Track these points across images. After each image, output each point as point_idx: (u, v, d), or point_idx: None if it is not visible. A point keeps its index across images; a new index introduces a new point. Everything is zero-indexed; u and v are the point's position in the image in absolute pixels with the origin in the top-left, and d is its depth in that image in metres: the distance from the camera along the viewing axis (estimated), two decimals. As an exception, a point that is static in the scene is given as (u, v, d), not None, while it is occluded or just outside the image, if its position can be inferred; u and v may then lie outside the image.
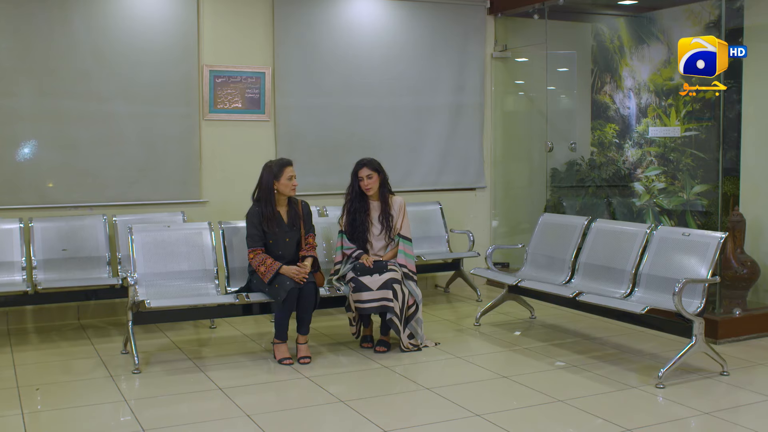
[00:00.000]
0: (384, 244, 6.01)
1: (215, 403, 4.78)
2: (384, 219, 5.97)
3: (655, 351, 5.84)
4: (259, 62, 7.51)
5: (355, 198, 5.97)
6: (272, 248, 5.71)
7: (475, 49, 8.52)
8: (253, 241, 5.67)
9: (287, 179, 5.70)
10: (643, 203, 8.36)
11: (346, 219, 6.00)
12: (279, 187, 5.69)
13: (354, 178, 5.98)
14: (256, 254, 5.64)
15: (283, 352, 5.58)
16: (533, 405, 4.73)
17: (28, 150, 6.75)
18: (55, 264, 6.52)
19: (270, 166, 5.74)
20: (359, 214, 5.95)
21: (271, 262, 5.57)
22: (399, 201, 6.05)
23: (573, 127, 9.15)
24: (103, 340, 6.27)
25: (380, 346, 5.85)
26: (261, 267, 5.59)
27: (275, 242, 5.71)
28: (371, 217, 5.97)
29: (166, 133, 7.18)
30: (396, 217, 5.99)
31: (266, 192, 5.70)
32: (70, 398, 4.85)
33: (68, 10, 6.78)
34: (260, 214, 5.67)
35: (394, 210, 6.00)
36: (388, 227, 5.97)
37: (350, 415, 4.54)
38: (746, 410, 4.66)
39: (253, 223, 5.68)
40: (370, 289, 5.70)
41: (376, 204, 6.00)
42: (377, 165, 5.97)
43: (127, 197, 7.05)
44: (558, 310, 6.76)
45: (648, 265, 5.65)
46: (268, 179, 5.69)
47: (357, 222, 5.95)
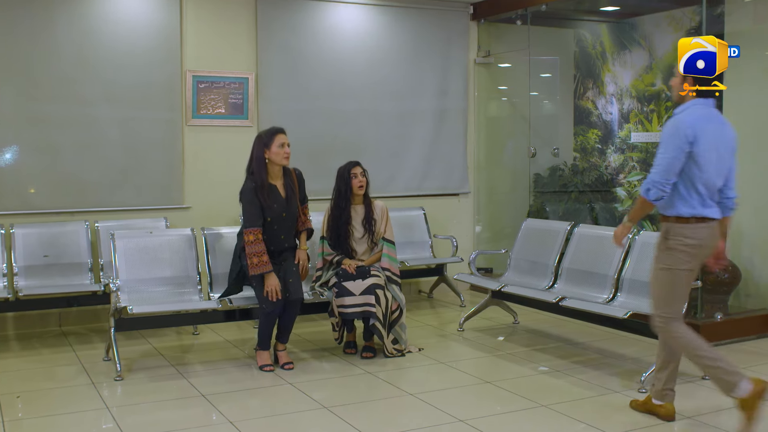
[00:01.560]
0: (366, 248, 6.00)
1: (198, 410, 4.76)
2: (366, 223, 5.96)
3: (638, 355, 5.87)
4: (243, 67, 7.50)
5: (340, 200, 5.92)
6: (270, 228, 5.47)
7: (458, 54, 8.55)
8: (251, 219, 5.37)
9: (278, 147, 5.43)
10: (625, 208, 8.41)
11: (329, 222, 5.97)
12: (270, 156, 5.44)
13: (341, 179, 5.93)
14: (257, 237, 5.34)
15: (266, 359, 5.55)
16: (516, 410, 4.74)
17: (9, 155, 6.70)
18: (36, 270, 6.47)
19: (260, 136, 5.52)
20: (343, 216, 5.92)
21: (266, 261, 5.32)
22: (381, 205, 6.04)
23: (556, 132, 9.20)
24: (85, 347, 6.23)
25: (366, 352, 5.84)
26: (255, 258, 5.30)
27: (273, 219, 5.46)
28: (354, 221, 5.95)
29: (149, 139, 7.15)
30: (379, 222, 5.99)
31: (258, 162, 5.44)
32: (52, 406, 4.82)
33: (51, 14, 6.74)
34: (255, 188, 5.41)
35: (376, 214, 5.99)
36: (371, 231, 5.96)
37: (334, 422, 4.53)
38: (728, 414, 4.68)
39: (248, 199, 5.39)
40: (352, 294, 5.69)
41: (359, 208, 5.98)
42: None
43: (109, 203, 7.01)
44: (541, 315, 6.78)
45: (630, 270, 5.68)
46: (259, 149, 5.46)
47: (341, 224, 5.92)
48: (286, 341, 5.64)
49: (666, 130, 4.21)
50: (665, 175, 4.13)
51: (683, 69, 4.25)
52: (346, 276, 5.77)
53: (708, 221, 4.21)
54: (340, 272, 5.82)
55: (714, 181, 4.20)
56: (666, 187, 4.13)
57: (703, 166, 4.14)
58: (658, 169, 4.15)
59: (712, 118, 4.22)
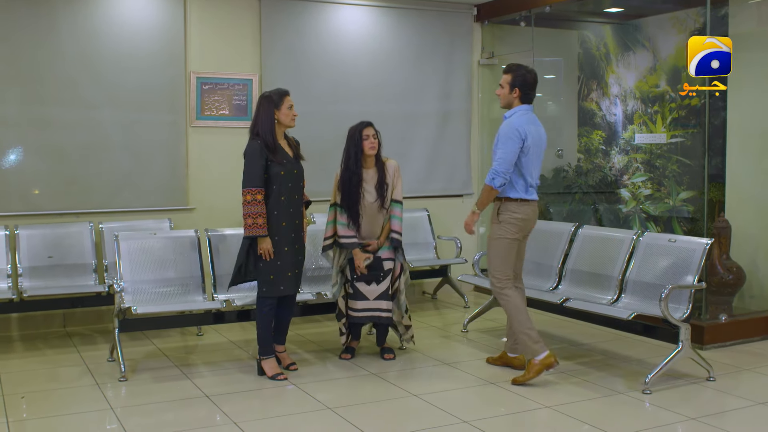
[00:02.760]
0: (376, 212, 5.75)
1: (202, 411, 4.76)
2: (379, 187, 5.72)
3: (642, 357, 5.86)
4: (247, 69, 7.51)
5: (350, 162, 5.69)
6: (285, 186, 5.31)
7: (461, 56, 8.54)
8: (252, 178, 5.22)
9: (288, 108, 5.33)
10: (629, 210, 8.40)
11: (340, 186, 5.72)
12: (279, 117, 5.31)
13: (351, 141, 5.71)
14: (254, 197, 5.19)
15: (274, 367, 5.39)
16: (521, 411, 4.74)
17: (13, 157, 6.71)
18: (40, 271, 6.48)
19: (269, 96, 5.35)
20: (354, 179, 5.67)
21: (262, 224, 5.17)
22: (394, 165, 5.81)
23: (559, 133, 9.19)
24: (90, 348, 6.24)
25: (388, 354, 5.83)
26: (250, 219, 5.17)
27: (287, 175, 5.31)
28: (365, 185, 5.71)
29: (153, 140, 7.15)
30: (391, 185, 5.77)
31: (267, 123, 5.28)
32: (56, 406, 4.82)
33: (55, 16, 6.75)
34: (263, 148, 5.25)
35: (389, 176, 5.76)
36: (382, 197, 5.73)
37: (338, 423, 4.53)
38: (732, 415, 4.68)
39: (253, 158, 5.24)
40: (366, 298, 5.67)
41: (371, 171, 5.75)
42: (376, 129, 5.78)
43: (113, 204, 7.02)
44: (545, 316, 6.77)
45: (634, 272, 5.67)
46: (268, 109, 5.29)
47: (352, 186, 5.66)
48: (284, 341, 5.63)
49: (503, 131, 5.26)
50: (506, 167, 5.16)
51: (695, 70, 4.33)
52: (361, 277, 5.69)
53: (530, 202, 5.31)
54: (354, 277, 5.72)
55: (534, 171, 5.30)
56: (507, 176, 5.16)
57: (528, 160, 5.23)
58: (500, 162, 5.17)
59: (532, 120, 5.32)
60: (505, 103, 5.43)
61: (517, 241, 5.34)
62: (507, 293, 5.32)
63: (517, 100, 5.34)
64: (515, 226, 5.28)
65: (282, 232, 5.32)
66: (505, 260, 5.33)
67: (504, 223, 5.29)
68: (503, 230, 5.29)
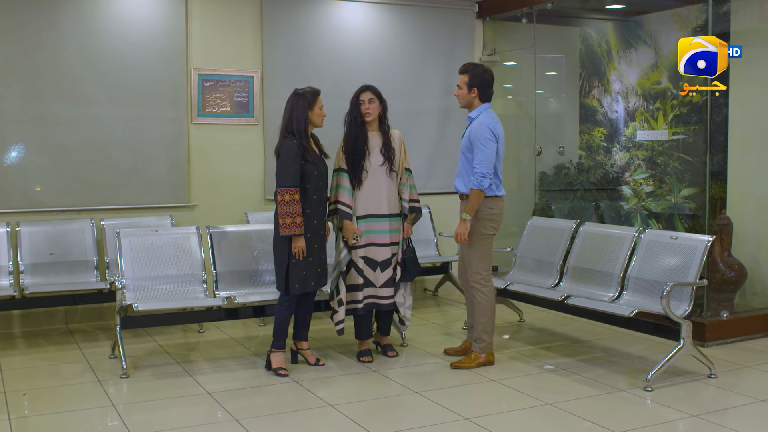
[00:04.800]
0: (385, 177, 5.66)
1: (204, 408, 4.77)
2: (386, 150, 5.66)
3: (643, 354, 5.86)
4: (248, 66, 7.51)
5: (354, 126, 5.64)
6: (316, 186, 5.30)
7: (463, 52, 8.53)
8: (289, 178, 5.13)
9: (320, 108, 5.32)
10: (631, 207, 8.39)
11: (345, 148, 5.65)
12: (312, 117, 5.29)
13: (351, 106, 5.69)
14: (293, 197, 5.12)
15: (281, 361, 5.40)
16: (522, 408, 4.74)
17: (15, 153, 6.72)
18: (42, 268, 6.49)
19: (302, 95, 5.28)
20: (359, 140, 5.59)
21: (300, 223, 5.12)
22: (398, 134, 5.78)
23: (561, 130, 9.18)
24: (91, 345, 6.24)
25: (390, 351, 5.84)
26: (289, 219, 5.10)
27: (320, 174, 5.32)
28: (370, 146, 5.64)
29: (155, 137, 7.16)
30: (398, 150, 5.73)
31: (302, 123, 5.23)
32: (58, 403, 4.83)
33: (57, 13, 6.76)
34: (299, 147, 5.19)
35: (395, 143, 5.72)
36: (390, 159, 5.66)
37: (339, 419, 4.53)
38: (734, 412, 4.68)
39: (290, 157, 5.14)
40: (372, 285, 5.66)
41: (375, 134, 5.70)
42: (379, 92, 5.71)
43: (115, 201, 7.03)
44: (546, 314, 6.78)
45: (636, 269, 5.67)
46: (303, 108, 5.24)
47: (357, 145, 5.58)
48: (307, 337, 5.62)
49: (479, 133, 5.32)
50: (489, 167, 5.29)
51: (683, 69, 4.34)
52: (368, 262, 5.62)
53: (502, 198, 5.49)
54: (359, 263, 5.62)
55: (500, 168, 5.46)
56: (491, 176, 5.31)
57: (499, 157, 5.41)
58: (484, 163, 5.28)
59: (496, 118, 5.47)
60: (464, 104, 5.56)
61: (493, 237, 5.55)
62: (490, 289, 5.54)
63: (476, 100, 5.47)
64: (494, 221, 5.48)
65: (313, 230, 5.34)
66: (486, 256, 5.55)
67: (483, 220, 5.45)
68: (482, 227, 5.46)
